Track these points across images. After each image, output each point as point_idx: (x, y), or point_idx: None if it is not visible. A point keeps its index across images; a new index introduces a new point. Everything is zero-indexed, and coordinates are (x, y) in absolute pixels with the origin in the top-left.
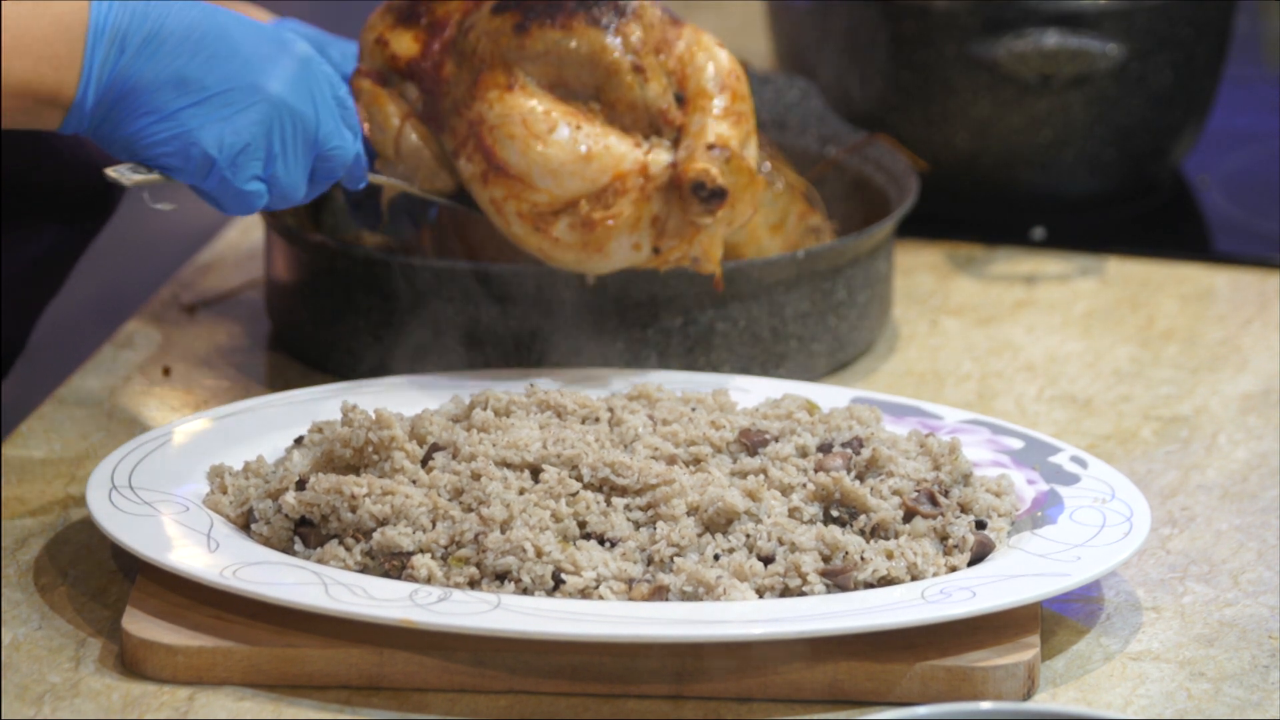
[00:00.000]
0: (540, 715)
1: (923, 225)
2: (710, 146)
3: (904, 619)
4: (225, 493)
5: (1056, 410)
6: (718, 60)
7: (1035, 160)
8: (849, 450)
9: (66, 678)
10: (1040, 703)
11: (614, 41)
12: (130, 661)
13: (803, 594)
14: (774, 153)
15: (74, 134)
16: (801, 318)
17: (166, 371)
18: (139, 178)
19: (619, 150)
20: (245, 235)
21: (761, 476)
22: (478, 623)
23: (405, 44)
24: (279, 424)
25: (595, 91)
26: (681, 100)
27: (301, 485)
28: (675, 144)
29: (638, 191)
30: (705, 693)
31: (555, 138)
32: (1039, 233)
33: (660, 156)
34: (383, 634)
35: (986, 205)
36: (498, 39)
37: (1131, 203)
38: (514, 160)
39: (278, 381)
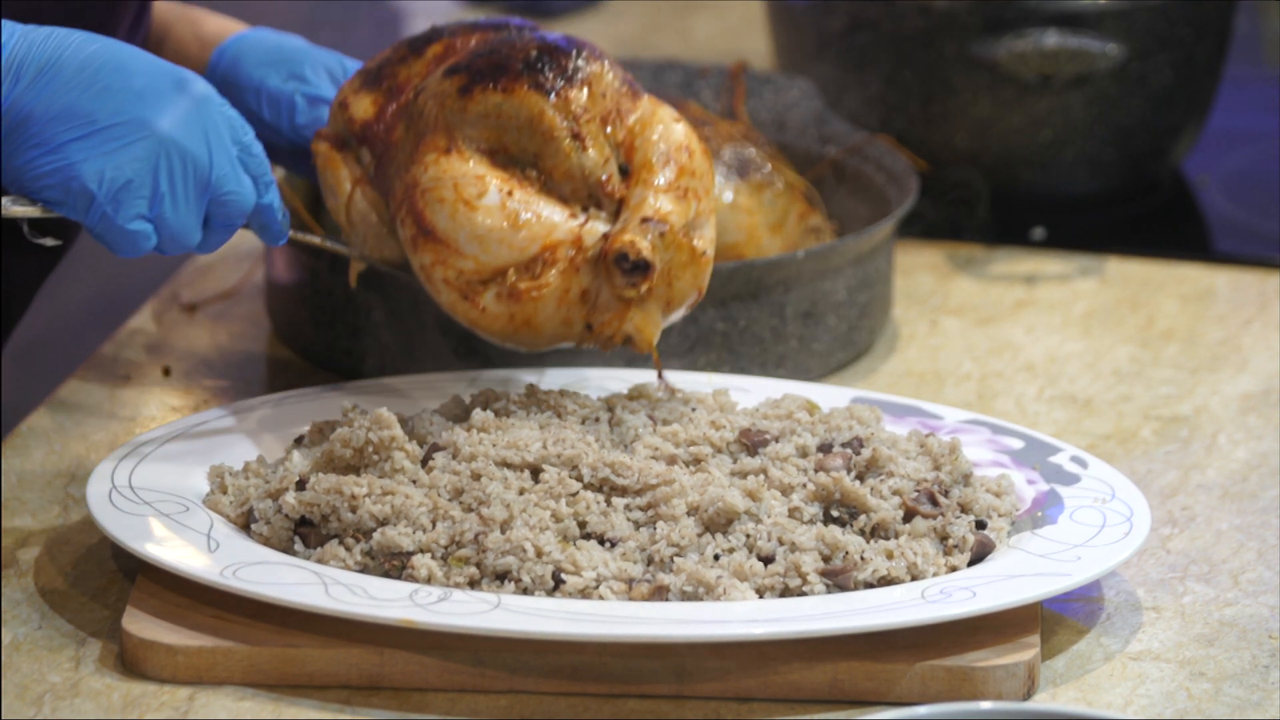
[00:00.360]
0: (540, 715)
1: (923, 225)
2: (646, 219)
3: (904, 619)
4: (225, 493)
5: (1056, 410)
6: (670, 134)
7: (1035, 160)
8: (849, 450)
9: (66, 678)
10: (1040, 703)
11: (553, 107)
12: (130, 661)
13: (803, 594)
14: (774, 153)
15: None
16: (801, 318)
17: (166, 371)
18: (18, 210)
19: (551, 219)
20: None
21: (761, 476)
22: (478, 623)
23: (363, 107)
24: (279, 424)
25: (534, 158)
26: (626, 172)
27: (301, 485)
28: (615, 217)
29: (567, 263)
30: (705, 693)
31: (484, 203)
32: (1039, 233)
33: (596, 229)
34: (383, 634)
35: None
36: (443, 101)
37: (1131, 203)
38: (442, 225)
39: (278, 381)
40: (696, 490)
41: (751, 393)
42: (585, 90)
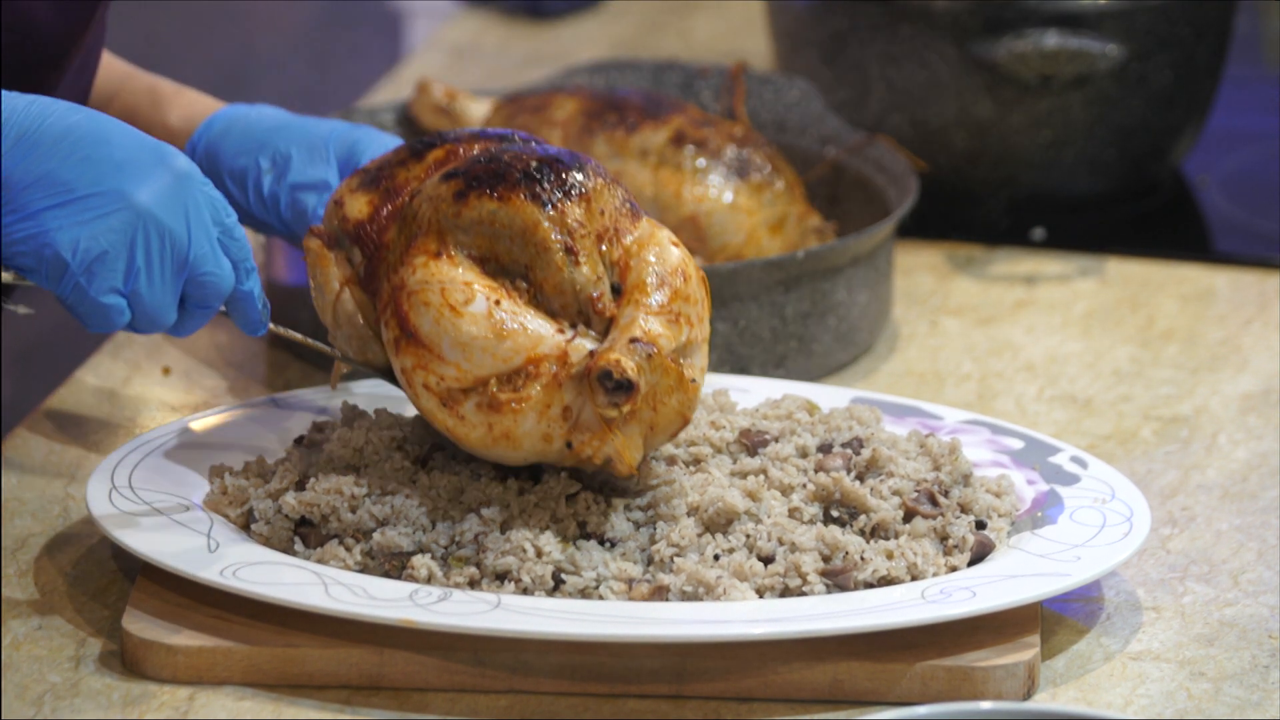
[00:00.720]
0: (540, 715)
1: (923, 225)
2: (634, 340)
3: (904, 619)
4: (225, 493)
5: (1056, 410)
6: (666, 257)
7: (1035, 160)
8: (849, 450)
9: (66, 678)
10: (1040, 703)
11: (548, 219)
12: (130, 661)
13: (803, 594)
14: (774, 153)
15: None
16: (801, 318)
17: (166, 371)
18: None
19: (537, 332)
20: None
21: (762, 477)
22: (478, 623)
23: (358, 207)
24: (279, 424)
25: (525, 270)
26: (619, 291)
27: (301, 485)
28: (604, 336)
29: (550, 377)
30: (705, 692)
31: (470, 310)
32: (1039, 233)
33: (583, 345)
34: (383, 634)
35: (986, 205)
36: (438, 205)
37: (1131, 203)
38: (426, 329)
39: (278, 381)
40: (696, 490)
41: (751, 393)
42: (583, 205)
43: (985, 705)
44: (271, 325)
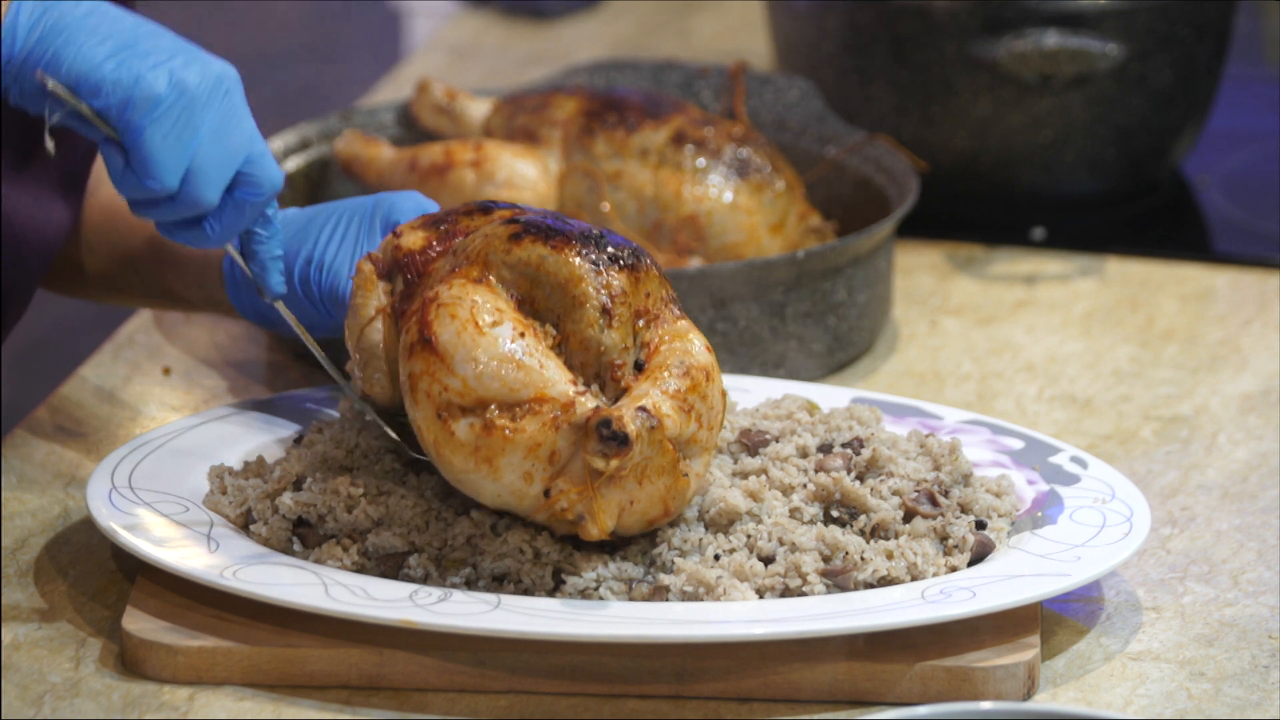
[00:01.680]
0: (540, 715)
1: (923, 225)
2: (642, 408)
3: (904, 619)
4: (225, 493)
5: (1056, 410)
6: (695, 352)
7: (1035, 160)
8: (849, 450)
9: (66, 678)
10: (1040, 703)
11: (593, 277)
12: (130, 661)
13: (803, 594)
14: (774, 153)
15: None
16: (801, 318)
17: (166, 371)
18: (61, 91)
19: (550, 374)
20: None
21: (763, 477)
22: (478, 623)
23: (415, 240)
24: (279, 424)
25: (558, 319)
26: (641, 369)
27: (299, 486)
28: (615, 403)
29: (549, 419)
30: (705, 693)
31: (493, 332)
32: (1039, 233)
33: (590, 402)
34: (383, 634)
35: (986, 205)
36: (492, 241)
37: (1131, 203)
38: (444, 337)
39: (278, 381)
40: (699, 490)
41: (751, 393)
42: (630, 280)
43: (985, 705)
44: (301, 330)
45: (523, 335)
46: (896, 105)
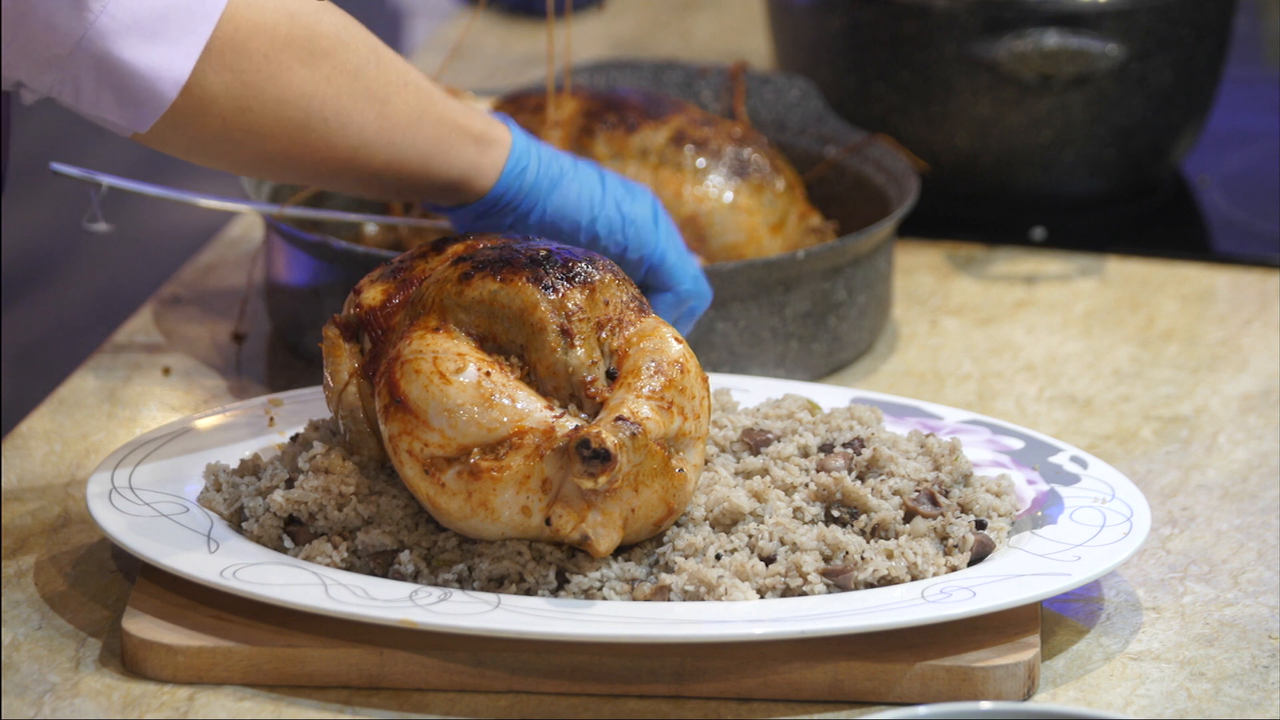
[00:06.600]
0: (540, 715)
1: (923, 225)
2: (620, 418)
3: (904, 619)
4: (219, 490)
5: (1056, 410)
6: (666, 348)
7: (1035, 160)
8: (850, 450)
9: (66, 678)
10: (1040, 703)
11: (547, 302)
12: (130, 661)
13: (803, 594)
14: (774, 153)
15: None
16: (801, 318)
17: (166, 371)
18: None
19: (525, 405)
20: (245, 235)
21: (767, 477)
22: (478, 623)
23: (374, 295)
24: (278, 424)
25: (521, 349)
26: (613, 378)
27: (290, 484)
28: (594, 418)
29: (532, 449)
30: (705, 692)
31: (460, 379)
32: (1039, 233)
33: (570, 424)
34: (383, 634)
35: (986, 205)
36: (444, 286)
37: (1131, 203)
38: (414, 394)
39: (278, 381)
40: (703, 490)
41: (751, 393)
42: (585, 293)
43: (985, 705)
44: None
45: (489, 374)
46: (896, 105)
